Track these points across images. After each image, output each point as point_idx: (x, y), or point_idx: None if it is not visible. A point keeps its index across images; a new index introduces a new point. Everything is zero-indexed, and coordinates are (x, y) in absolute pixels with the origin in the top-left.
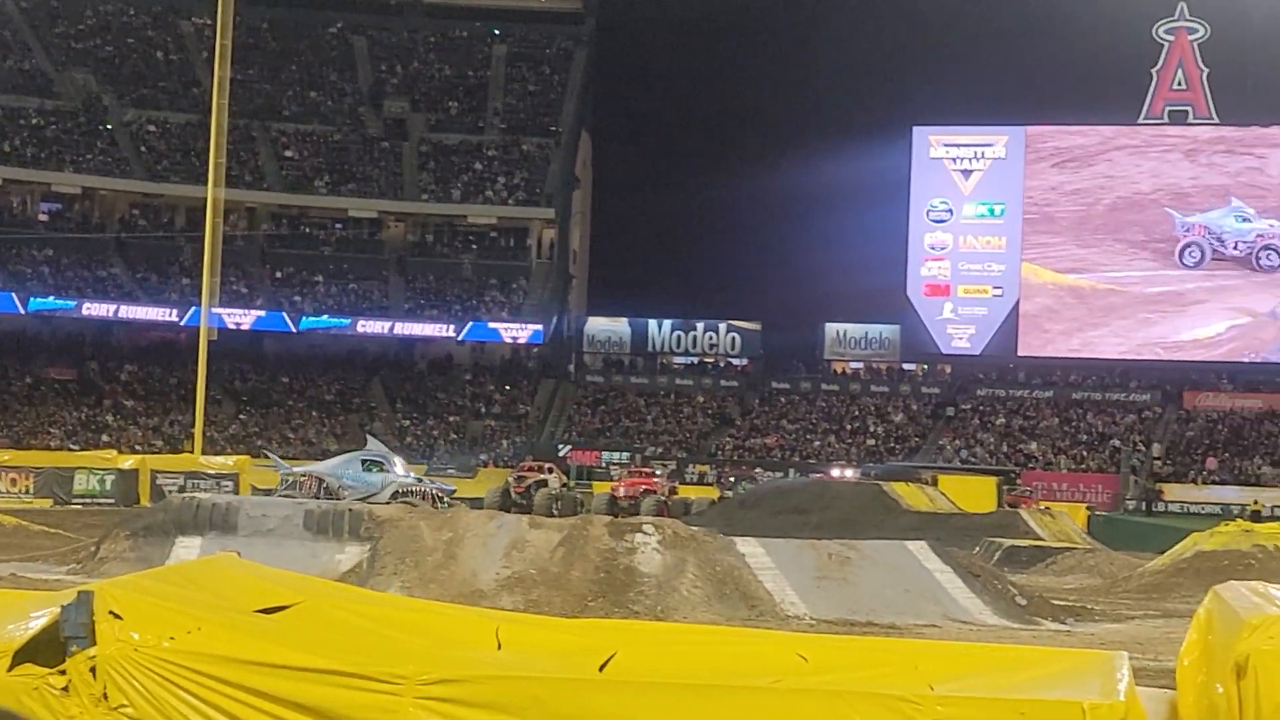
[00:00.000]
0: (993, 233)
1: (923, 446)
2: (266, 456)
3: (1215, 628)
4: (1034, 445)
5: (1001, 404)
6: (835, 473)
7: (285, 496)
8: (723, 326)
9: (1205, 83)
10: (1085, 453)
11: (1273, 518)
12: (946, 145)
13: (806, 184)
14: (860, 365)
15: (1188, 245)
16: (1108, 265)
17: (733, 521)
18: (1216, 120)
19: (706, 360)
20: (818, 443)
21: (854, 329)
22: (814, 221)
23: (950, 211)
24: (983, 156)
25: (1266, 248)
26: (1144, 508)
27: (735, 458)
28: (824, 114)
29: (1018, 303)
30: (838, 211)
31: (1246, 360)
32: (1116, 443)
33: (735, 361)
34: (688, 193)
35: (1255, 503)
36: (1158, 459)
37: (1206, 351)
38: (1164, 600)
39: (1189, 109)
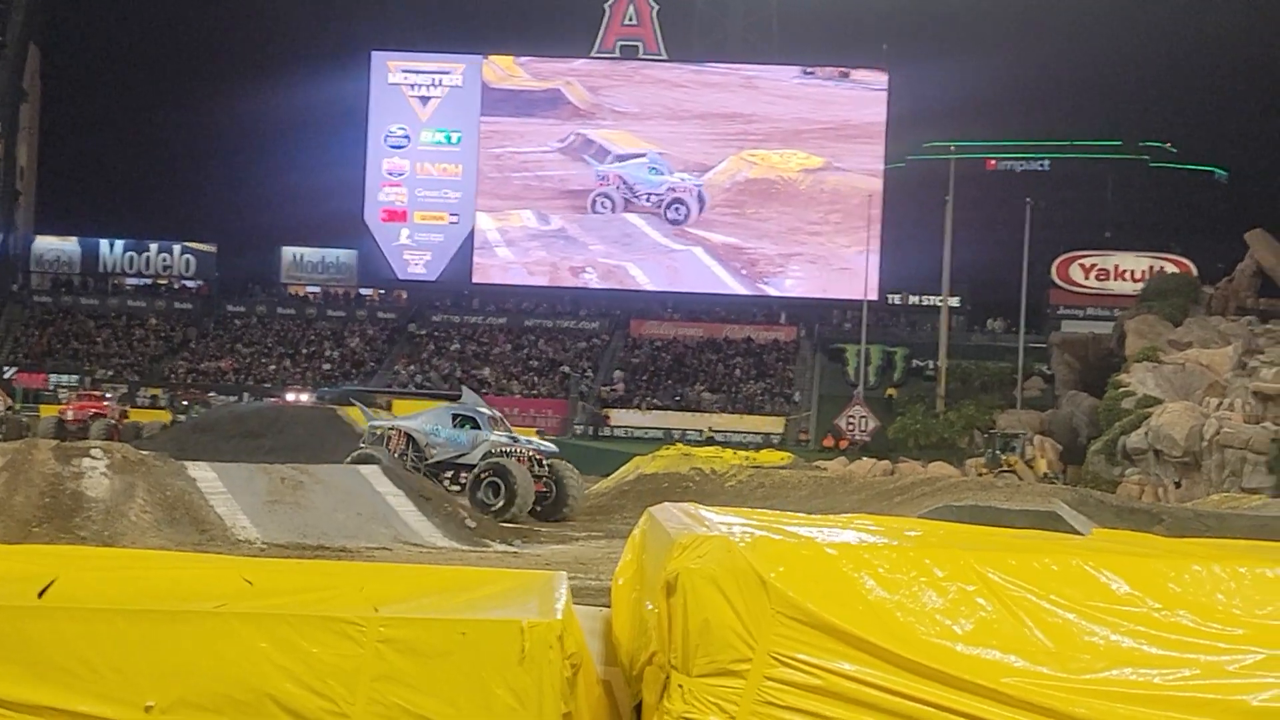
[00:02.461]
0: (450, 160)
1: (378, 371)
2: (355, 405)
3: (648, 547)
4: (487, 371)
5: (456, 330)
6: (290, 397)
7: (367, 454)
8: (177, 248)
9: (655, 19)
10: (536, 378)
11: (716, 443)
12: (405, 71)
13: (266, 107)
14: (317, 289)
15: (600, 195)
16: (545, 204)
17: (185, 446)
18: (665, 57)
19: (160, 282)
20: (273, 367)
21: (311, 253)
22: (273, 145)
23: (408, 138)
24: (440, 84)
25: (676, 201)
26: (591, 432)
27: (189, 381)
28: (284, 37)
29: (473, 230)
30: (297, 135)
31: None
32: (566, 369)
33: (189, 284)
34: (143, 111)
35: (709, 429)
36: (610, 386)
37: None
38: (608, 521)
39: (639, 44)
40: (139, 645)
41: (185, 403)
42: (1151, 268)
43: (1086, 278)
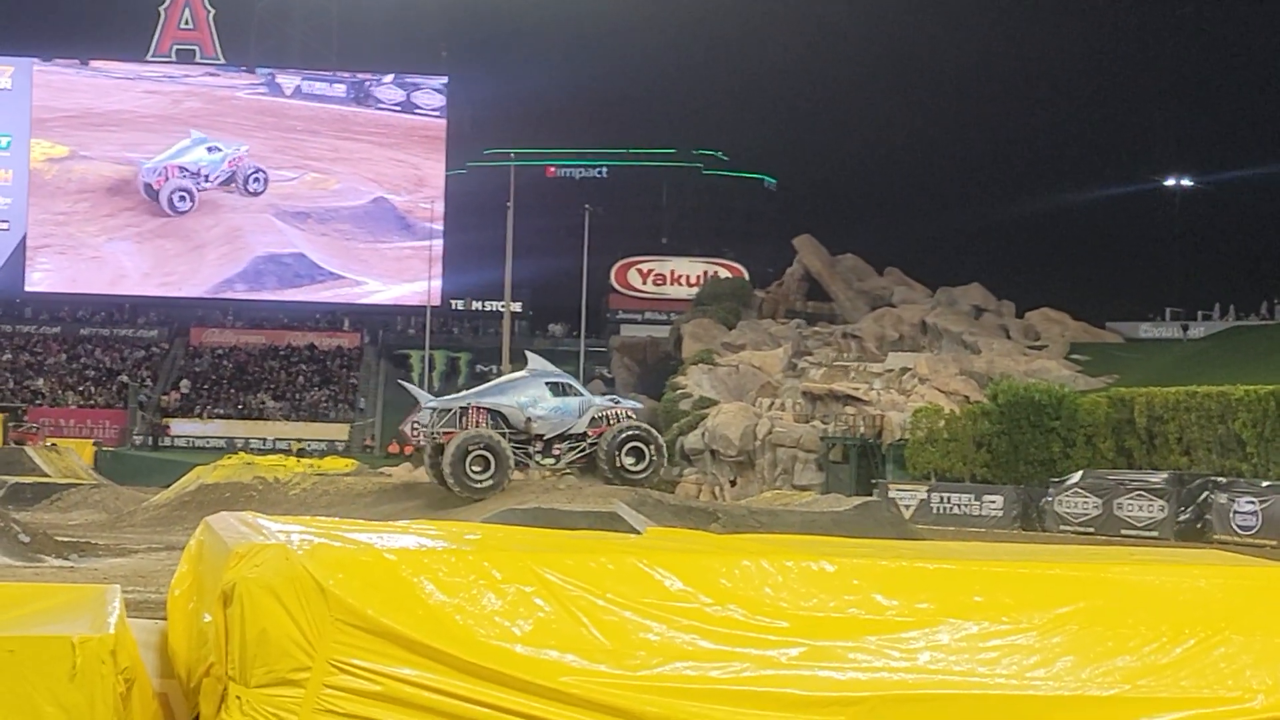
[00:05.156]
0: (1, 165)
1: None
2: (402, 385)
3: (205, 558)
4: (41, 381)
5: (8, 340)
6: None
7: (437, 438)
8: None
9: (212, 23)
10: (94, 389)
11: (306, 453)
12: None
13: None
14: None
15: (176, 190)
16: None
17: None
18: (223, 60)
19: None
20: None
21: None
22: None
23: None
24: None
25: (253, 173)
26: (151, 442)
27: None
28: None
29: (25, 238)
30: None
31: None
32: (125, 378)
33: None
34: None
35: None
36: (165, 394)
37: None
38: (168, 533)
39: (196, 49)
40: None
41: None
42: (706, 273)
43: (644, 283)
